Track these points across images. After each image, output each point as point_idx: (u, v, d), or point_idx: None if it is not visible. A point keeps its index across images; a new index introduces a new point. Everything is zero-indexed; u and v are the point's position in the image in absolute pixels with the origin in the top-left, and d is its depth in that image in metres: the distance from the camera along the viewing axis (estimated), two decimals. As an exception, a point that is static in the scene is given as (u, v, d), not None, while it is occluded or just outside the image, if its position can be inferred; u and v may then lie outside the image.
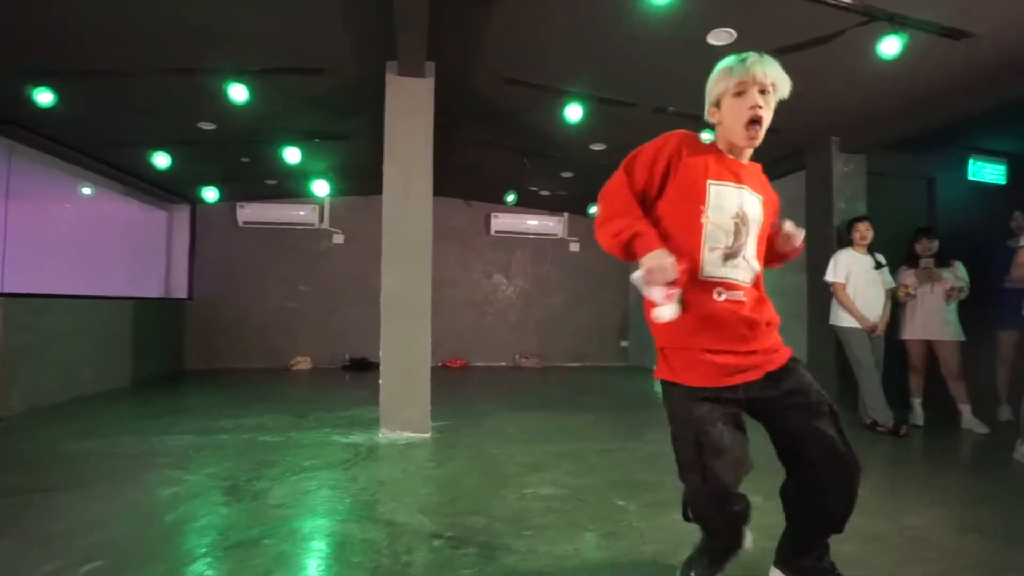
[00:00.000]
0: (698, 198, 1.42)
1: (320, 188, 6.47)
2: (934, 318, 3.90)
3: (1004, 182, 4.76)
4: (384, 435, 3.44)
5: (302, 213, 7.11)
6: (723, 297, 1.40)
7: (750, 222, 1.44)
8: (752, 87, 1.41)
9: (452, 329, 7.62)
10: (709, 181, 1.43)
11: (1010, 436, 3.64)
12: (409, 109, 3.50)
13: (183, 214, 6.89)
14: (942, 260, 3.92)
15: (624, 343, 8.40)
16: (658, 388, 1.53)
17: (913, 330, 3.99)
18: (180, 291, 6.81)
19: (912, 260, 4.02)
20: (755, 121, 1.41)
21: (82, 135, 4.61)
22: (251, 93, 3.73)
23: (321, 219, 7.26)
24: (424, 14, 2.78)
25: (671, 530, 2.03)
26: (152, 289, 6.47)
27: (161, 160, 5.01)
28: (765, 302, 1.48)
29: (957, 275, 3.89)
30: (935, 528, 2.11)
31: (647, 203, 1.47)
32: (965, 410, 3.85)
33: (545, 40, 3.31)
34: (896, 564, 1.80)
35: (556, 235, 7.89)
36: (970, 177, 4.67)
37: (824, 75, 3.41)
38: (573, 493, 2.45)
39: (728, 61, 1.46)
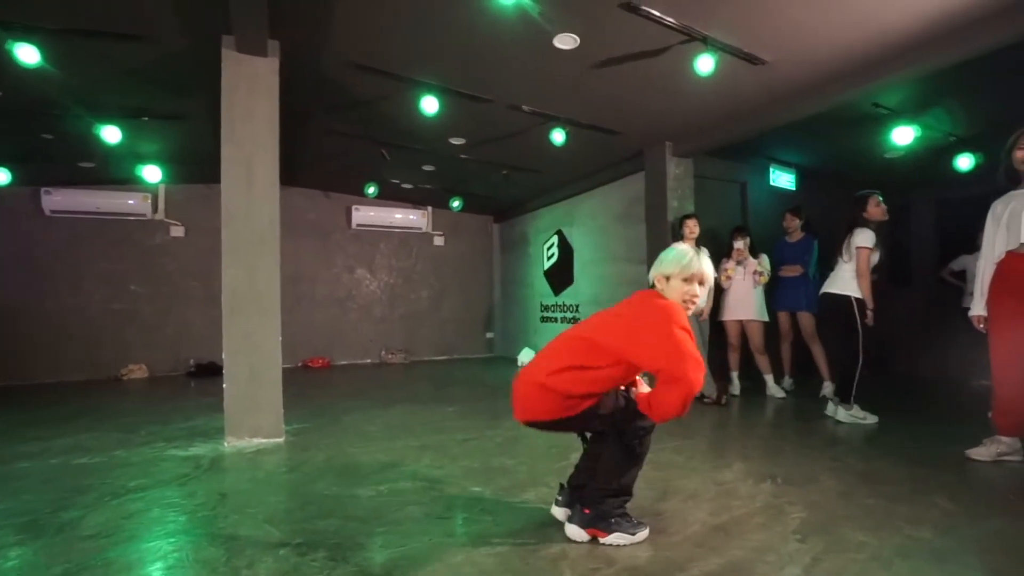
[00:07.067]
0: None
1: (152, 174, 5.71)
2: (745, 302, 4.55)
3: (794, 188, 5.70)
4: (231, 444, 3.18)
5: (131, 202, 6.24)
6: None
7: None
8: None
9: (313, 327, 7.23)
10: None
11: (801, 400, 4.41)
12: (249, 90, 3.23)
13: (-37, 200, 5.68)
14: (752, 252, 4.58)
15: (489, 334, 8.62)
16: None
17: (729, 313, 4.62)
18: (-38, 293, 5.62)
19: (731, 253, 4.63)
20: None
21: None
22: (45, 56, 3.18)
23: (155, 209, 6.44)
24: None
25: (522, 509, 2.15)
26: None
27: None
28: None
29: (761, 264, 4.57)
30: (741, 480, 2.48)
31: None
32: (769, 379, 4.56)
33: (391, 25, 3.23)
34: (708, 515, 2.08)
35: (420, 229, 7.83)
36: (771, 183, 5.52)
37: (658, 85, 3.77)
38: (430, 485, 2.47)
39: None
